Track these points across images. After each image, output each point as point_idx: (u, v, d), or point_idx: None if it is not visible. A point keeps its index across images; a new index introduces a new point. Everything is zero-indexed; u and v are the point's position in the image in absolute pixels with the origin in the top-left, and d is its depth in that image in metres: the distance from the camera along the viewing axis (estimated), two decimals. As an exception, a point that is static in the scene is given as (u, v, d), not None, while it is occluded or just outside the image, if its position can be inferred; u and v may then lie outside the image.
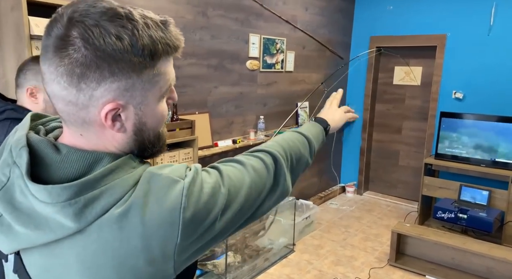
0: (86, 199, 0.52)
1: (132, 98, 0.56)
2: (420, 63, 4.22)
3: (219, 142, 2.96)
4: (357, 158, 4.66)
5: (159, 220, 0.53)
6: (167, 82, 0.59)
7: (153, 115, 0.60)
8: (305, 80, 3.92)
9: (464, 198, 3.51)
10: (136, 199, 0.53)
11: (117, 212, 0.53)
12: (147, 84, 0.56)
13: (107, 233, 0.53)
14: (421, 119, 4.29)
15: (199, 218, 0.56)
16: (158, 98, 0.59)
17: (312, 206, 3.75)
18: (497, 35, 3.59)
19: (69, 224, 0.52)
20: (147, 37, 0.53)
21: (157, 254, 0.54)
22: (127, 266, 0.53)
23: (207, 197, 0.57)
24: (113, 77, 0.53)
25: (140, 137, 0.60)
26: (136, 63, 0.53)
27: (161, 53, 0.55)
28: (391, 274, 2.96)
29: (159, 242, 0.53)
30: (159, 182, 0.55)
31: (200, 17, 2.73)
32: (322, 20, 4.00)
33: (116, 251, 0.53)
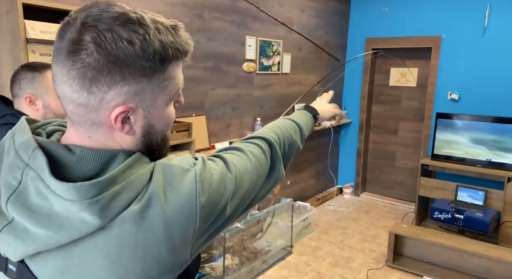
0: (110, 195, 0.53)
1: (141, 101, 0.57)
2: (416, 64, 4.24)
3: (216, 144, 2.96)
4: (354, 160, 4.67)
5: (178, 207, 0.56)
6: (176, 86, 0.60)
7: (162, 118, 0.61)
8: (301, 82, 3.93)
9: (460, 199, 3.52)
10: (154, 190, 0.55)
11: (138, 206, 0.54)
12: (157, 88, 0.57)
13: (130, 226, 0.54)
14: (417, 120, 4.31)
15: (213, 202, 0.59)
16: (167, 102, 0.60)
17: (310, 207, 3.75)
18: (492, 36, 3.62)
19: (93, 221, 0.52)
20: (157, 42, 0.54)
21: (178, 241, 0.56)
22: (151, 257, 0.55)
23: (217, 182, 0.60)
24: (124, 81, 0.54)
25: (148, 139, 0.61)
26: (147, 67, 0.54)
27: (171, 58, 0.56)
28: (389, 275, 2.97)
29: (180, 228, 0.56)
30: (173, 172, 0.57)
31: (196, 19, 2.73)
32: (318, 22, 4.02)
33: (140, 243, 0.54)
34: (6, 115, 1.22)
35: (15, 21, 1.57)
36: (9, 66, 1.65)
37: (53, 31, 1.65)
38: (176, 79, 0.60)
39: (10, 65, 1.65)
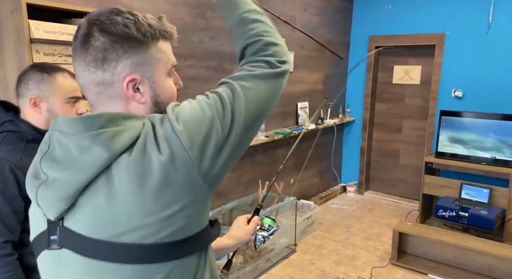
0: (114, 131, 0.63)
1: (144, 71, 0.69)
2: (419, 62, 4.23)
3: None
4: (358, 158, 4.66)
5: (165, 136, 0.64)
6: (169, 61, 0.73)
7: (164, 89, 0.73)
8: (304, 80, 3.92)
9: (465, 196, 3.51)
10: (147, 129, 0.66)
11: (139, 141, 0.64)
12: (153, 60, 0.70)
13: (136, 156, 0.63)
14: (421, 118, 4.29)
15: (192, 127, 0.65)
16: (165, 74, 0.73)
17: (313, 206, 3.75)
18: (496, 33, 3.60)
19: (103, 152, 0.62)
20: (146, 24, 0.69)
21: (179, 162, 0.63)
22: (159, 179, 0.62)
23: (196, 111, 0.67)
24: (127, 54, 0.67)
25: (158, 108, 0.72)
26: (142, 42, 0.68)
27: (159, 36, 0.71)
28: (393, 273, 2.97)
29: (173, 154, 0.63)
30: (154, 116, 0.68)
31: (199, 19, 2.73)
32: (321, 20, 4.01)
33: (146, 169, 0.62)
34: (5, 122, 1.19)
35: (20, 21, 1.58)
36: (14, 66, 1.67)
37: (57, 31, 1.66)
38: (168, 54, 0.73)
39: (15, 65, 1.66)
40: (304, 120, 3.92)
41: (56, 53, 1.67)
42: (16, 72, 1.66)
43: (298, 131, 3.66)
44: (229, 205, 3.13)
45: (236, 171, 3.23)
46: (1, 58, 1.74)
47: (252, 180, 3.36)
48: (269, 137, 3.33)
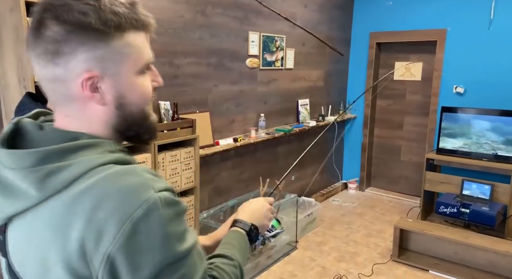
0: (48, 169, 0.55)
1: (105, 68, 0.59)
2: (421, 58, 4.21)
3: (220, 140, 2.97)
4: (359, 155, 4.65)
5: (97, 224, 0.53)
6: (141, 57, 0.62)
7: (132, 89, 0.62)
8: (305, 77, 3.91)
9: (466, 193, 3.50)
10: (97, 189, 0.54)
11: (75, 190, 0.55)
12: (117, 55, 0.59)
13: (60, 208, 0.55)
14: (422, 114, 4.28)
15: (129, 256, 0.53)
16: (135, 73, 0.62)
17: (314, 203, 3.75)
18: (498, 29, 3.58)
19: (32, 192, 0.56)
20: (109, 11, 0.57)
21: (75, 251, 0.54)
22: (59, 243, 0.55)
23: (143, 247, 0.54)
24: (83, 47, 0.56)
25: (122, 112, 0.62)
26: (101, 33, 0.57)
27: (127, 26, 0.59)
28: (394, 270, 2.97)
29: (89, 239, 0.53)
30: (117, 196, 0.54)
31: (199, 15, 2.72)
32: (322, 17, 3.99)
33: (58, 225, 0.54)
34: None
35: (18, 19, 1.58)
36: (13, 63, 1.66)
37: (56, 28, 1.66)
38: (140, 49, 0.61)
39: (14, 63, 1.66)
40: (305, 117, 3.92)
41: (56, 51, 1.67)
42: (16, 70, 1.65)
43: (299, 128, 3.66)
44: (230, 202, 3.13)
45: (237, 168, 3.23)
46: (1, 56, 1.74)
47: (253, 177, 3.36)
48: (270, 134, 3.33)
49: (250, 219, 0.90)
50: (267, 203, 0.98)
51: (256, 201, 0.97)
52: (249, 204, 0.96)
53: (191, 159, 2.47)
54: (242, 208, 0.95)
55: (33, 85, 1.59)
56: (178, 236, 0.57)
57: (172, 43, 2.56)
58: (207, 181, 2.93)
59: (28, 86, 1.60)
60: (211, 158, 2.93)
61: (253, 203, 0.96)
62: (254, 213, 0.93)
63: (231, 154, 3.14)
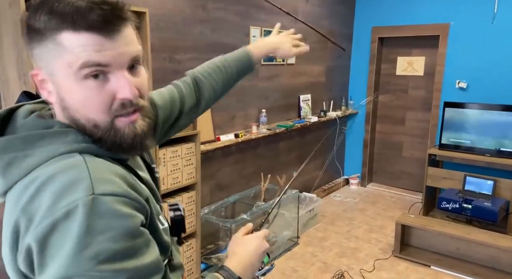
0: (10, 157, 0.57)
1: (45, 67, 0.59)
2: (423, 53, 4.18)
3: (221, 136, 2.96)
4: (361, 150, 4.64)
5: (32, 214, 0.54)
6: (76, 60, 0.56)
7: (71, 94, 0.59)
8: (307, 73, 3.89)
9: (468, 188, 3.49)
10: (41, 177, 0.55)
11: (28, 179, 0.56)
12: (50, 55, 0.58)
13: (15, 194, 0.56)
14: (424, 109, 4.26)
15: (40, 247, 0.52)
16: (72, 76, 0.57)
17: (316, 198, 3.75)
18: (501, 23, 3.54)
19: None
20: (48, 8, 0.56)
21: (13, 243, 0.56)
22: (10, 235, 0.56)
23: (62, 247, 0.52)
24: (29, 45, 0.59)
25: (67, 114, 0.61)
26: (36, 31, 0.57)
27: (60, 24, 0.56)
28: (396, 265, 2.97)
29: (22, 229, 0.54)
30: (51, 189, 0.53)
31: (200, 10, 2.70)
32: (323, 11, 3.96)
33: (8, 217, 0.57)
34: None
35: (18, 14, 1.57)
36: (13, 59, 1.65)
37: (55, 23, 1.65)
38: (74, 51, 0.56)
39: (14, 59, 1.65)
40: (306, 113, 3.90)
41: (55, 46, 1.66)
42: (15, 66, 1.65)
43: (300, 123, 3.64)
44: (231, 198, 3.13)
45: (238, 164, 3.23)
46: (0, 52, 1.73)
47: (254, 173, 3.36)
48: (271, 130, 3.32)
49: (240, 268, 0.77)
50: (264, 242, 0.86)
51: (253, 242, 0.84)
52: (245, 246, 0.83)
53: (192, 155, 2.46)
54: (234, 249, 0.83)
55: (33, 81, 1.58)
56: (100, 253, 0.50)
57: (172, 38, 2.54)
58: (208, 177, 2.92)
59: (28, 82, 1.60)
60: (212, 154, 2.92)
61: (249, 244, 0.84)
62: (247, 261, 0.80)
63: (232, 150, 3.13)
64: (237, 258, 0.80)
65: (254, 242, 0.84)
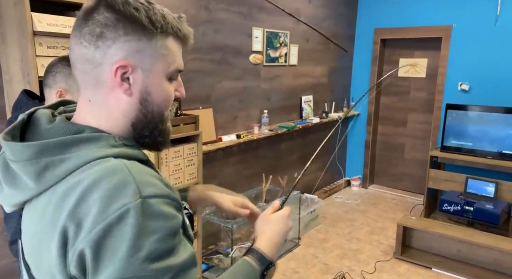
0: (46, 162, 0.57)
1: (141, 61, 0.61)
2: (426, 55, 4.18)
3: (223, 137, 2.96)
4: (362, 152, 4.64)
5: (81, 217, 0.54)
6: (174, 62, 0.65)
7: (159, 90, 0.64)
8: (309, 74, 3.89)
9: (470, 191, 3.49)
10: (85, 182, 0.55)
11: (70, 182, 0.56)
12: (155, 53, 0.62)
13: (54, 199, 0.57)
14: (426, 111, 4.26)
15: (96, 252, 0.53)
16: (165, 75, 0.64)
17: (317, 200, 3.74)
18: (504, 25, 3.54)
19: (31, 184, 0.58)
20: (160, 14, 0.62)
21: (63, 242, 0.56)
22: (52, 237, 0.56)
23: (123, 243, 0.53)
24: (126, 36, 0.60)
25: (145, 108, 0.64)
26: (147, 28, 0.61)
27: (169, 32, 0.63)
28: (397, 267, 2.96)
29: (71, 234, 0.54)
30: (100, 193, 0.54)
31: (203, 11, 2.71)
32: (326, 13, 3.96)
33: (49, 222, 0.57)
34: None
35: (22, 14, 1.57)
36: (17, 58, 1.66)
37: (60, 23, 1.65)
38: (175, 55, 0.65)
39: (18, 58, 1.65)
40: (308, 114, 3.90)
41: (59, 46, 1.67)
42: (20, 65, 1.65)
43: (302, 124, 3.65)
44: (233, 198, 3.12)
45: (240, 165, 3.23)
46: (5, 51, 1.74)
47: (255, 173, 3.36)
48: (273, 131, 3.32)
49: (270, 250, 0.78)
50: (289, 221, 0.87)
51: (281, 222, 0.84)
52: (273, 225, 0.84)
53: (194, 155, 2.47)
54: (263, 228, 0.83)
55: (37, 80, 1.59)
56: (152, 253, 0.53)
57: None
58: (210, 177, 2.93)
59: (32, 81, 1.60)
60: (214, 154, 2.92)
61: (276, 223, 0.84)
62: (276, 241, 0.81)
63: (234, 151, 3.13)
64: (267, 239, 0.81)
65: (281, 221, 0.85)
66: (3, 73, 1.78)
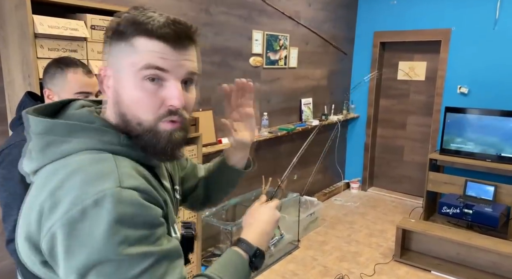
0: (51, 139, 0.63)
1: (112, 64, 0.66)
2: (425, 58, 4.19)
3: (223, 139, 2.97)
4: (362, 154, 4.65)
5: (58, 200, 0.57)
6: (141, 60, 0.63)
7: (127, 90, 0.64)
8: (308, 76, 3.90)
9: (469, 193, 3.49)
10: (72, 165, 0.59)
11: (57, 164, 0.61)
12: (121, 55, 0.64)
13: (46, 174, 0.61)
14: (425, 114, 4.27)
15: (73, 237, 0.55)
16: (133, 74, 0.63)
17: (317, 202, 3.75)
18: (503, 29, 3.56)
19: (35, 155, 0.64)
20: (129, 18, 0.64)
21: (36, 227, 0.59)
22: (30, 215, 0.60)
23: (83, 239, 0.54)
24: (105, 45, 0.67)
25: (117, 109, 0.66)
26: (115, 34, 0.65)
27: (135, 31, 0.63)
28: (396, 270, 2.96)
29: (42, 217, 0.58)
30: (80, 178, 0.57)
31: (203, 14, 2.72)
32: (326, 16, 3.98)
33: (34, 197, 0.61)
34: None
35: (24, 16, 1.58)
36: (18, 60, 1.67)
37: (61, 26, 1.66)
38: (142, 54, 0.63)
39: (19, 60, 1.66)
40: (307, 116, 3.91)
41: (60, 48, 1.67)
42: (21, 67, 1.66)
43: (301, 127, 3.65)
44: (232, 200, 3.13)
45: (240, 167, 3.23)
46: (6, 53, 1.75)
47: (255, 175, 3.35)
48: (273, 133, 3.33)
49: (257, 239, 0.80)
50: (277, 211, 0.88)
51: (266, 212, 0.86)
52: (259, 216, 0.85)
53: (193, 157, 2.47)
54: (249, 221, 0.85)
55: (37, 82, 1.60)
56: (128, 238, 0.54)
57: None
58: (209, 179, 2.93)
59: (33, 83, 1.61)
60: (214, 156, 2.92)
61: (262, 214, 0.86)
62: (262, 230, 0.82)
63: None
64: (253, 229, 0.82)
65: (268, 212, 0.86)
66: (4, 75, 1.79)
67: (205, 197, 1.07)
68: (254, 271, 0.77)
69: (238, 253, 0.76)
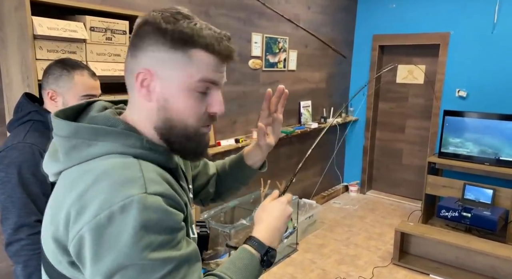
0: (77, 142, 0.64)
1: (161, 71, 0.66)
2: (423, 61, 4.21)
3: (222, 141, 2.97)
4: (360, 157, 4.65)
5: (81, 203, 0.59)
6: (197, 73, 0.66)
7: (178, 99, 0.67)
8: (307, 79, 3.91)
9: (468, 197, 3.49)
10: (99, 169, 0.61)
11: (84, 168, 0.62)
12: (176, 65, 0.65)
13: (72, 177, 0.63)
14: (424, 117, 4.27)
15: (91, 245, 0.58)
16: (187, 85, 0.66)
17: (315, 205, 3.74)
18: (501, 33, 3.57)
19: (61, 158, 0.65)
20: (188, 28, 0.65)
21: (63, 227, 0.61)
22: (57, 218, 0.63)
23: (112, 243, 0.56)
24: (153, 46, 0.65)
25: (162, 115, 0.67)
26: (171, 41, 0.64)
27: (194, 44, 0.65)
28: (395, 273, 2.96)
29: (69, 219, 0.60)
30: (108, 183, 0.59)
31: (202, 16, 2.73)
32: (325, 19, 3.99)
33: (60, 198, 0.63)
34: (31, 112, 1.29)
35: (23, 18, 1.58)
36: (17, 62, 1.67)
37: (60, 27, 1.66)
38: (199, 67, 0.66)
39: (18, 61, 1.66)
40: (306, 119, 3.91)
41: (59, 49, 1.67)
42: (20, 68, 1.66)
43: (300, 129, 3.65)
44: (230, 203, 3.13)
45: (238, 170, 3.23)
46: (5, 54, 1.74)
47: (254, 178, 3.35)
48: (272, 136, 3.32)
49: (268, 236, 0.79)
50: (288, 207, 0.87)
51: (278, 207, 0.85)
52: (271, 212, 0.84)
53: (192, 160, 2.47)
54: (261, 216, 0.84)
55: (36, 83, 1.59)
56: (152, 243, 0.57)
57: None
58: (208, 181, 2.92)
59: (32, 84, 1.61)
60: (213, 158, 2.92)
61: (274, 209, 0.84)
62: (274, 226, 0.81)
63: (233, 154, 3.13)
64: (264, 225, 0.82)
65: (279, 207, 0.85)
66: (3, 76, 1.79)
67: (216, 193, 1.12)
68: (266, 269, 0.79)
69: (249, 252, 0.76)
